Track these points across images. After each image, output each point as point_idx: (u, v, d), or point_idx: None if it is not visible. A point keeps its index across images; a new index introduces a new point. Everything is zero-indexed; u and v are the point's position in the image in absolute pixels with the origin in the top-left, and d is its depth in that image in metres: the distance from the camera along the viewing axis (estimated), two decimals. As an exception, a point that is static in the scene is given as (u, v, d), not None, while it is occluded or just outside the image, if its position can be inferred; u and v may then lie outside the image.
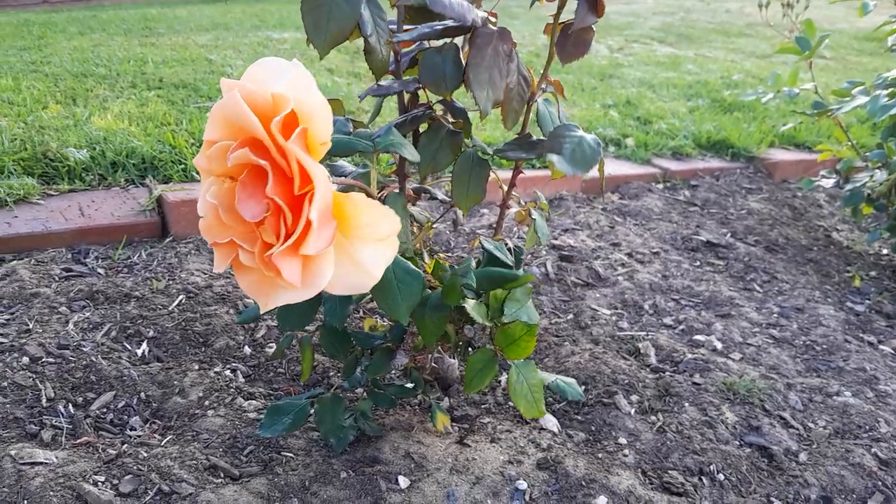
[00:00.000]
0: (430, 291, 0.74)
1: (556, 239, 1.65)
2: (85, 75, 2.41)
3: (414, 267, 0.66)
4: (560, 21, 0.76)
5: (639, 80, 3.17)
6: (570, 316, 1.35)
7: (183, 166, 1.64)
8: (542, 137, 0.80)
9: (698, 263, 1.64)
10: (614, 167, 2.09)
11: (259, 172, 0.56)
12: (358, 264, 0.57)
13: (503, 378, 1.14)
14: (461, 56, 0.77)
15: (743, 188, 2.14)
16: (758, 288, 1.56)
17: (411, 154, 0.63)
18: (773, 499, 0.94)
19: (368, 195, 0.72)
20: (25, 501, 0.77)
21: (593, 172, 0.74)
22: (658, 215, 1.87)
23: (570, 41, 0.75)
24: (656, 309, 1.40)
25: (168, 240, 1.43)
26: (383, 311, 0.75)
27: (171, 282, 1.27)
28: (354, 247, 0.57)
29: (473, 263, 0.72)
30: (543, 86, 0.79)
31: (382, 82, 0.77)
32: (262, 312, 0.59)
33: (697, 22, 5.56)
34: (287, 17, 4.29)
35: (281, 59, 0.56)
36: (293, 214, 0.55)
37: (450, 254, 1.53)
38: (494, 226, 1.66)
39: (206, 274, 1.32)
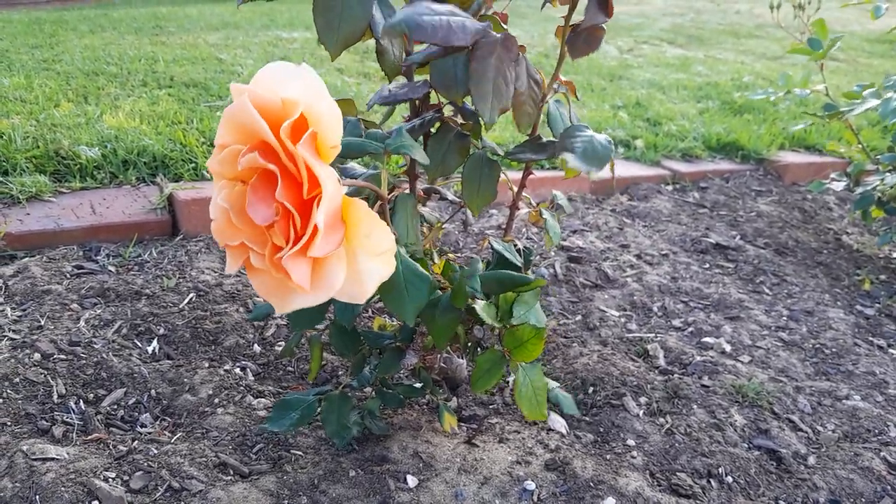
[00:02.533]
0: (440, 293, 0.75)
1: (564, 240, 1.65)
2: (96, 73, 2.42)
3: (422, 269, 0.66)
4: (570, 23, 0.76)
5: (648, 81, 3.16)
6: (579, 317, 1.35)
7: (193, 165, 1.64)
8: (552, 139, 0.80)
9: (707, 266, 1.63)
10: (623, 168, 2.09)
11: (269, 176, 0.56)
12: (356, 274, 0.58)
13: (511, 378, 1.14)
14: (472, 59, 0.77)
15: (753, 190, 2.13)
16: (767, 290, 1.56)
17: (422, 157, 0.64)
18: (781, 502, 0.94)
19: (379, 196, 0.73)
20: (38, 497, 0.78)
21: (603, 173, 0.74)
22: (667, 217, 1.86)
23: (580, 38, 0.75)
24: (665, 311, 1.40)
25: (178, 238, 1.44)
26: (391, 312, 0.75)
27: (181, 280, 1.28)
28: (356, 256, 0.58)
29: (481, 266, 0.72)
30: (555, 86, 0.79)
31: (392, 87, 0.77)
32: (276, 314, 0.60)
33: (707, 23, 5.55)
34: (297, 17, 4.30)
35: (289, 63, 0.57)
36: (302, 218, 0.55)
37: (459, 254, 1.53)
38: (503, 226, 1.66)
39: (216, 272, 1.33)
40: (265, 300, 0.61)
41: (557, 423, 1.04)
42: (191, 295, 1.24)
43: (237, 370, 1.09)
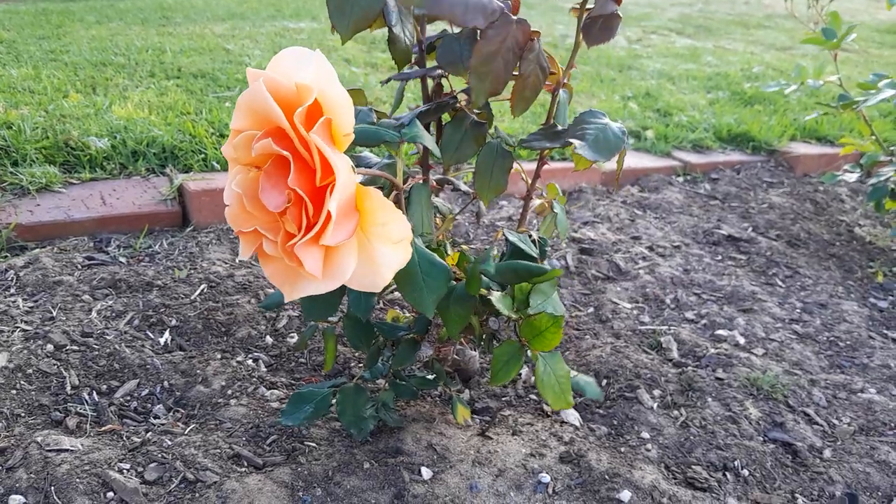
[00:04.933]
0: (454, 283, 0.74)
1: (575, 232, 1.64)
2: (104, 64, 2.42)
3: (439, 259, 0.65)
4: (586, 8, 0.76)
5: (658, 71, 3.14)
6: (591, 309, 1.34)
7: (203, 156, 1.64)
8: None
9: (720, 257, 1.62)
10: (634, 160, 2.08)
11: (283, 163, 0.56)
12: (373, 262, 0.57)
13: (523, 371, 1.13)
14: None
15: (764, 182, 2.12)
16: (780, 283, 1.54)
17: (432, 145, 0.63)
18: (797, 495, 0.93)
19: (395, 186, 0.72)
20: (52, 488, 0.77)
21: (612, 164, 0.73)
22: (678, 208, 1.85)
23: (596, 26, 0.74)
24: (678, 303, 1.39)
25: (189, 229, 1.44)
26: (409, 304, 0.75)
27: (192, 271, 1.28)
28: (372, 244, 0.57)
29: (495, 251, 0.72)
30: (565, 79, 0.78)
31: (406, 69, 0.76)
32: (286, 301, 0.60)
33: (716, 13, 5.51)
34: (303, 7, 4.28)
35: (304, 49, 0.56)
36: (314, 205, 0.55)
37: (469, 245, 1.52)
38: (513, 217, 1.65)
39: (227, 263, 1.32)
40: (276, 287, 0.61)
41: (571, 415, 1.03)
42: (202, 286, 1.23)
43: (250, 361, 1.09)
